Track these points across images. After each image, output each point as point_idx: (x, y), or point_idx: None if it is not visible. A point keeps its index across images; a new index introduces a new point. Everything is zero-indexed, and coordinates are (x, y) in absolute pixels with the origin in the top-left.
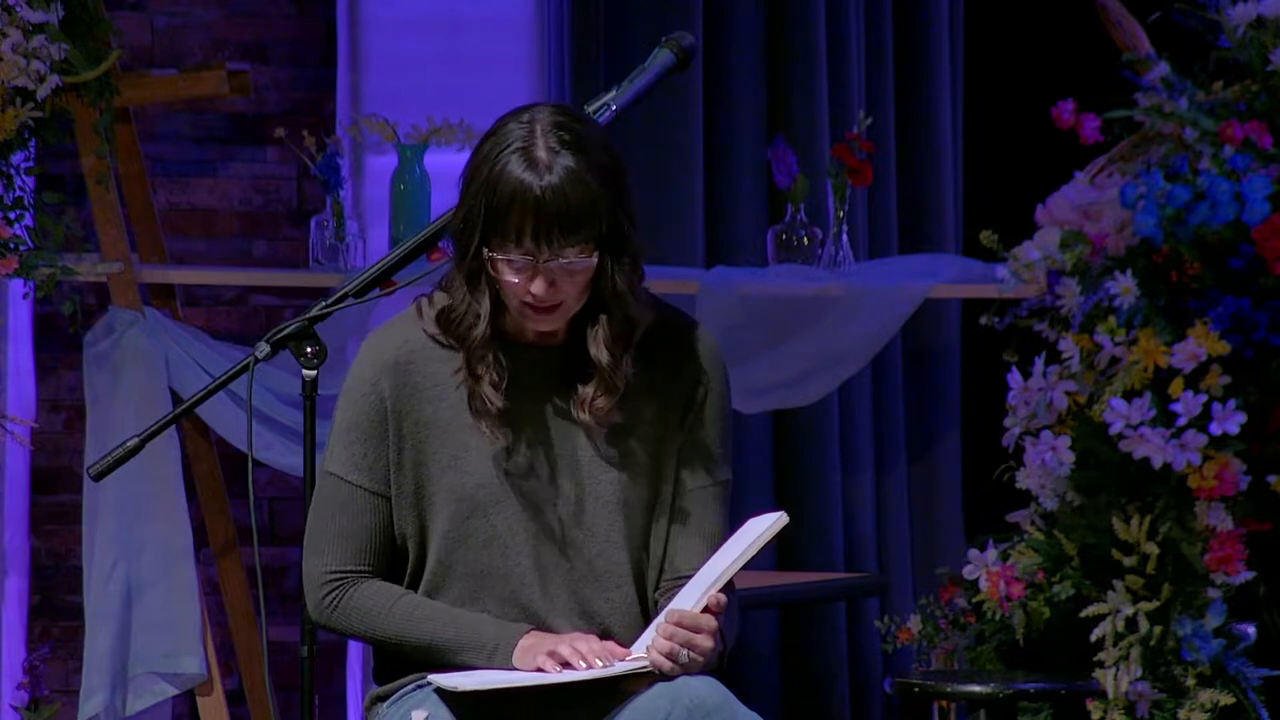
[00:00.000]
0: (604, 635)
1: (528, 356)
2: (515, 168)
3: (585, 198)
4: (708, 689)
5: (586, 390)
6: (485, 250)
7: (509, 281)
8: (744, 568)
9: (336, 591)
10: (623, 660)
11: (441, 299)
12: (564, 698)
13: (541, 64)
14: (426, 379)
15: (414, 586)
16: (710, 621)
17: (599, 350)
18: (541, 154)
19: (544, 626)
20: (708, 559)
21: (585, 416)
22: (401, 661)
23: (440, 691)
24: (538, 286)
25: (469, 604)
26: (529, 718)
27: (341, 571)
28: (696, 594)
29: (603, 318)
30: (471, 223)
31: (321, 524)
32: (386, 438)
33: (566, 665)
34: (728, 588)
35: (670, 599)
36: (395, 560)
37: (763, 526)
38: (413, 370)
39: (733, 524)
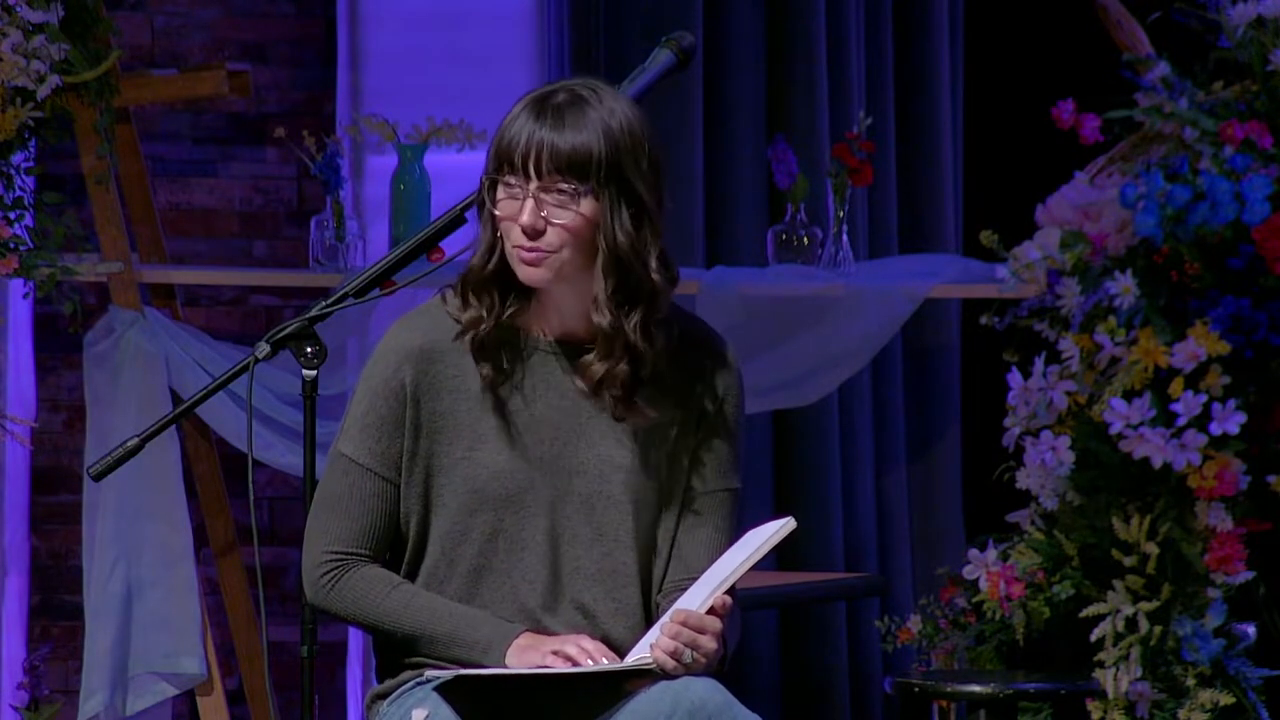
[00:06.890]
0: (603, 640)
1: (548, 351)
2: (528, 107)
3: (584, 136)
4: (709, 691)
5: (588, 358)
6: (487, 184)
7: (503, 215)
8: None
9: (335, 571)
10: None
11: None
12: (563, 695)
13: (541, 61)
14: (449, 369)
15: (411, 580)
16: (715, 623)
17: (599, 313)
18: (556, 99)
19: (541, 627)
20: (713, 563)
21: (580, 383)
22: (402, 656)
23: (441, 689)
24: (527, 213)
25: (467, 600)
26: (528, 717)
27: (343, 553)
28: (702, 595)
29: (601, 278)
30: (487, 162)
31: (328, 504)
32: (403, 425)
33: (568, 661)
34: (729, 594)
35: (673, 602)
36: (396, 550)
37: (769, 532)
38: (435, 359)
39: (738, 533)
